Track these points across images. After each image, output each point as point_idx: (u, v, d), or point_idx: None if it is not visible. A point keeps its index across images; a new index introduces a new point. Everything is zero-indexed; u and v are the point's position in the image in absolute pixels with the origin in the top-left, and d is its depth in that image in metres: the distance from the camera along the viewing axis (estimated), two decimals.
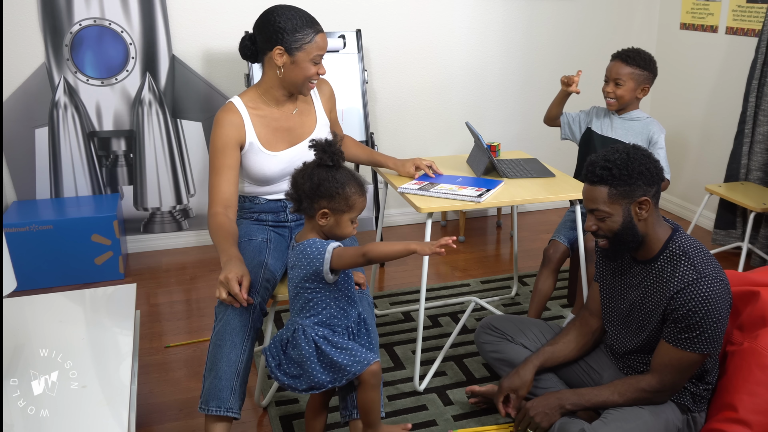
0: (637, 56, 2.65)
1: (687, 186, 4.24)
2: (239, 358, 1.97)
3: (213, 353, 1.97)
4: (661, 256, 1.92)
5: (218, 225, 2.08)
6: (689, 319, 1.81)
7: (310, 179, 1.78)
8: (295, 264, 1.83)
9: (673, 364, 1.87)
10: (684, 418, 1.98)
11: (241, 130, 2.17)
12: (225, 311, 1.99)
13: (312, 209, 1.80)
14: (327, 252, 1.77)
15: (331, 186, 1.77)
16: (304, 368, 1.84)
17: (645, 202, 1.86)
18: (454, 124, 4.13)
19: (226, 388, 1.94)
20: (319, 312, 1.85)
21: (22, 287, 3.25)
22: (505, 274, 3.45)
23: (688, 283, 1.82)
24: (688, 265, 1.85)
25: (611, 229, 1.89)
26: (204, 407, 1.94)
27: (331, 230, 1.83)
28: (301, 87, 2.19)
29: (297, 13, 2.13)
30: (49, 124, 3.46)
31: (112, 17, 3.40)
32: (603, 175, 1.84)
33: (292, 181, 1.82)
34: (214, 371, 1.95)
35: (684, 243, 1.90)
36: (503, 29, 4.06)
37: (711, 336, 1.83)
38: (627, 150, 1.87)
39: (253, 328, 2.01)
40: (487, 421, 2.30)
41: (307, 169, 1.81)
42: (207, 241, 3.87)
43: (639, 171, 1.83)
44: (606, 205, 1.86)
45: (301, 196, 1.80)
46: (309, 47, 2.12)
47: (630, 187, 1.84)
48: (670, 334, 1.87)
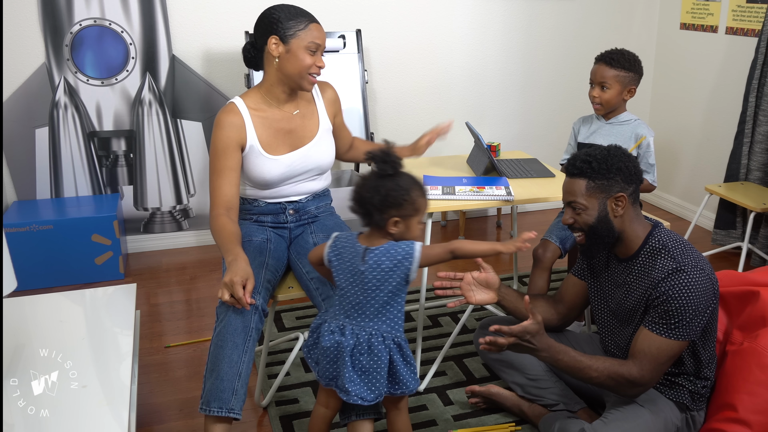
0: (621, 58, 2.58)
1: (687, 186, 4.24)
2: (241, 359, 1.96)
3: (214, 354, 1.97)
4: (641, 252, 1.93)
5: (221, 226, 2.08)
6: (668, 305, 1.82)
7: (377, 192, 1.76)
8: (373, 267, 1.79)
9: (651, 351, 1.85)
10: (683, 417, 1.98)
11: (241, 132, 2.16)
12: (226, 312, 1.99)
13: (383, 220, 1.78)
14: (416, 251, 1.77)
15: (398, 195, 1.76)
16: (370, 377, 1.81)
17: (621, 198, 1.88)
18: (454, 124, 4.14)
19: (227, 389, 1.93)
20: (395, 316, 1.83)
21: (22, 287, 3.25)
22: (505, 274, 3.45)
23: (667, 273, 1.84)
24: (667, 257, 1.87)
25: (587, 223, 1.91)
26: (205, 408, 1.93)
27: (402, 235, 1.82)
28: (299, 80, 2.16)
29: (291, 5, 2.15)
30: (49, 124, 3.46)
31: (112, 17, 3.40)
32: (582, 167, 1.89)
33: (356, 196, 1.81)
34: (216, 372, 1.95)
35: (663, 237, 1.92)
36: (503, 29, 4.06)
37: (689, 324, 1.82)
38: (608, 148, 1.92)
39: (254, 329, 2.00)
40: (487, 421, 2.30)
41: (369, 181, 1.79)
42: (207, 241, 3.87)
43: (617, 167, 1.87)
44: (583, 198, 1.90)
45: (371, 210, 1.78)
46: (303, 34, 2.11)
47: (608, 182, 1.87)
48: (649, 320, 1.87)
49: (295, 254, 2.28)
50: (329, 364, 1.85)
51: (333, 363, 1.84)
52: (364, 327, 1.82)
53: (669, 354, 1.85)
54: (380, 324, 1.82)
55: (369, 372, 1.81)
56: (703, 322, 1.85)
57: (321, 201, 2.39)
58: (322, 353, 1.86)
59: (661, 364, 1.86)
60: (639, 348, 1.88)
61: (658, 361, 1.85)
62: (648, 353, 1.86)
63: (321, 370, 1.87)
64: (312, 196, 2.35)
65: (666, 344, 1.84)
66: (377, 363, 1.80)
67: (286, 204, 2.30)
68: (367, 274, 1.79)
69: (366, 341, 1.81)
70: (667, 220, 4.17)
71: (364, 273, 1.79)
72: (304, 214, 2.34)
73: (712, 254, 3.71)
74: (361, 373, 1.81)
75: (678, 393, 1.98)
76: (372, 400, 1.82)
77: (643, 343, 1.87)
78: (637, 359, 1.87)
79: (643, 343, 1.87)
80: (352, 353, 1.81)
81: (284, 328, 2.94)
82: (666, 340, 1.84)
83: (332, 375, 1.86)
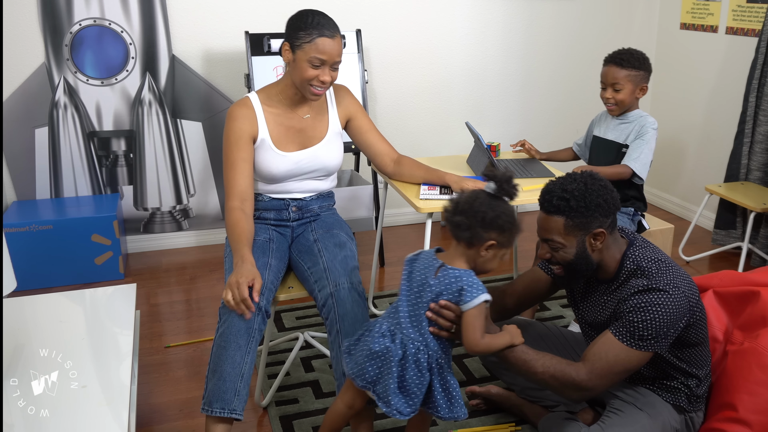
0: (631, 57, 2.61)
1: (687, 186, 4.24)
2: (243, 360, 1.96)
3: (217, 355, 1.97)
4: (621, 274, 1.90)
5: (234, 222, 2.11)
6: (633, 316, 1.78)
7: (491, 209, 1.74)
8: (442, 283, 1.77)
9: (608, 357, 1.79)
10: (681, 419, 1.98)
11: (254, 125, 2.20)
12: (229, 313, 1.99)
13: (481, 238, 1.75)
14: (476, 301, 1.73)
15: (507, 220, 1.75)
16: (410, 392, 1.78)
17: (600, 234, 1.82)
18: (454, 124, 4.14)
19: (230, 390, 1.93)
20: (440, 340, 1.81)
21: (22, 287, 3.25)
22: (505, 274, 3.45)
23: (637, 289, 1.80)
24: (642, 277, 1.83)
25: (564, 260, 1.85)
26: (207, 408, 1.94)
27: (485, 263, 1.79)
28: (301, 89, 2.19)
29: (314, 15, 2.13)
30: (49, 124, 3.46)
31: (112, 17, 3.40)
32: (560, 205, 1.80)
33: (465, 207, 1.77)
34: (218, 373, 1.95)
35: (638, 257, 1.87)
36: (503, 29, 4.06)
37: (654, 338, 1.78)
38: (584, 180, 1.82)
39: (257, 330, 2.00)
40: (487, 422, 2.30)
41: (483, 198, 1.77)
42: (207, 241, 3.87)
43: (596, 203, 1.79)
44: (561, 237, 1.82)
45: (474, 224, 1.74)
46: (307, 47, 2.11)
47: (586, 219, 1.80)
48: (615, 326, 1.83)
49: (296, 252, 2.28)
50: (373, 368, 1.81)
51: (378, 368, 1.81)
52: (413, 339, 1.79)
53: (626, 364, 1.79)
54: (429, 340, 1.79)
55: (410, 386, 1.78)
56: (673, 337, 1.81)
57: (324, 201, 2.41)
58: (367, 355, 1.82)
59: (615, 373, 1.80)
60: (595, 351, 1.81)
61: (612, 369, 1.79)
62: (603, 358, 1.79)
63: (360, 371, 1.83)
64: (316, 195, 2.37)
65: (625, 352, 1.79)
66: (420, 380, 1.78)
67: (290, 201, 2.31)
68: (434, 288, 1.77)
69: (413, 355, 1.78)
70: (667, 220, 4.17)
71: (432, 286, 1.78)
72: (307, 212, 2.35)
73: (712, 254, 3.71)
74: (403, 386, 1.79)
75: (674, 395, 1.97)
76: (408, 414, 1.79)
77: (601, 347, 1.81)
78: (589, 362, 1.81)
79: (602, 347, 1.81)
80: (400, 364, 1.78)
81: (284, 328, 2.94)
82: (626, 348, 1.79)
83: (372, 379, 1.81)
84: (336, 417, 1.94)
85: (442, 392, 1.80)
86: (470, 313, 1.74)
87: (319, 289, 2.12)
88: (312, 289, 2.16)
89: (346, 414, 1.94)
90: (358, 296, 2.09)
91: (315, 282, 2.14)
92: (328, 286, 2.09)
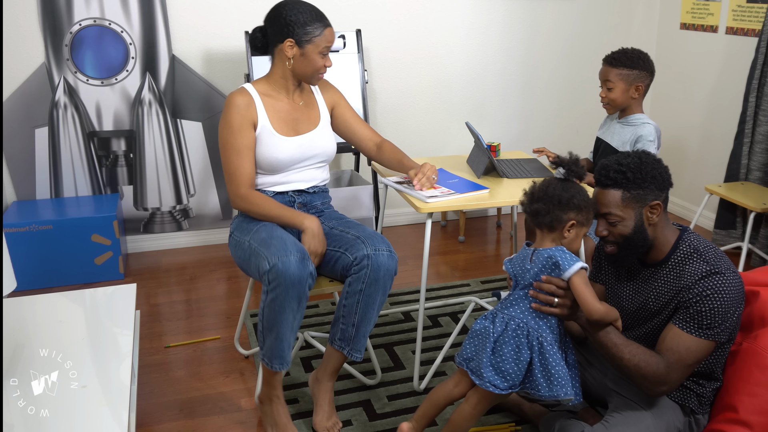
0: (623, 56, 2.63)
1: (687, 186, 4.24)
2: (295, 319, 2.09)
3: (271, 317, 2.06)
4: (672, 256, 1.92)
5: (259, 198, 2.22)
6: (701, 305, 1.81)
7: (565, 191, 1.84)
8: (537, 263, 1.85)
9: (680, 350, 1.83)
10: (686, 421, 1.97)
11: (253, 111, 2.24)
12: (282, 279, 2.01)
13: (561, 220, 1.84)
14: (575, 267, 1.80)
15: (583, 199, 1.84)
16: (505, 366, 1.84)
17: (657, 206, 1.87)
18: (454, 124, 4.13)
19: (286, 348, 2.11)
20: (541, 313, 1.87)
21: (22, 287, 3.25)
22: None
23: (701, 275, 1.83)
24: (700, 260, 1.86)
25: (622, 234, 1.89)
26: (268, 362, 2.12)
27: (570, 243, 1.87)
28: (310, 78, 2.28)
29: (307, 7, 2.22)
30: (49, 124, 3.46)
31: (112, 17, 3.40)
32: (617, 178, 1.87)
33: (541, 194, 1.86)
34: (275, 333, 2.07)
35: (694, 241, 1.91)
36: (503, 29, 4.06)
37: (720, 325, 1.81)
38: (639, 155, 1.90)
39: (304, 295, 2.08)
40: (487, 421, 2.30)
41: (555, 182, 1.87)
42: (207, 241, 3.87)
43: (652, 175, 1.86)
44: (619, 209, 1.87)
45: (552, 207, 1.83)
46: (318, 40, 2.21)
47: (643, 191, 1.86)
48: (679, 318, 1.85)
49: None
50: (470, 346, 1.91)
51: (474, 345, 1.91)
52: (514, 317, 1.86)
53: (697, 354, 1.83)
54: (529, 318, 1.85)
55: (505, 363, 1.84)
56: (733, 325, 1.85)
57: (325, 197, 2.45)
58: (469, 335, 1.94)
59: (688, 365, 1.84)
60: (667, 346, 1.85)
61: (685, 361, 1.84)
62: (676, 351, 1.83)
63: (461, 351, 1.94)
64: (318, 190, 2.40)
65: (695, 343, 1.83)
66: (516, 356, 1.83)
67: (294, 195, 2.34)
68: (531, 270, 1.86)
69: (513, 331, 1.85)
70: None
71: (529, 270, 1.86)
72: (311, 208, 2.39)
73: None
74: (499, 361, 1.84)
75: (685, 396, 1.97)
76: (504, 389, 1.85)
77: (671, 341, 1.85)
78: (665, 356, 1.84)
79: (672, 341, 1.85)
80: (497, 340, 1.86)
81: None
82: (696, 339, 1.83)
83: (468, 356, 1.91)
84: (439, 395, 2.00)
85: (541, 370, 1.82)
86: (574, 280, 1.80)
87: (353, 252, 2.17)
88: (339, 257, 2.21)
89: (450, 394, 1.98)
90: (394, 265, 2.16)
91: (346, 249, 2.20)
92: (365, 248, 2.15)
